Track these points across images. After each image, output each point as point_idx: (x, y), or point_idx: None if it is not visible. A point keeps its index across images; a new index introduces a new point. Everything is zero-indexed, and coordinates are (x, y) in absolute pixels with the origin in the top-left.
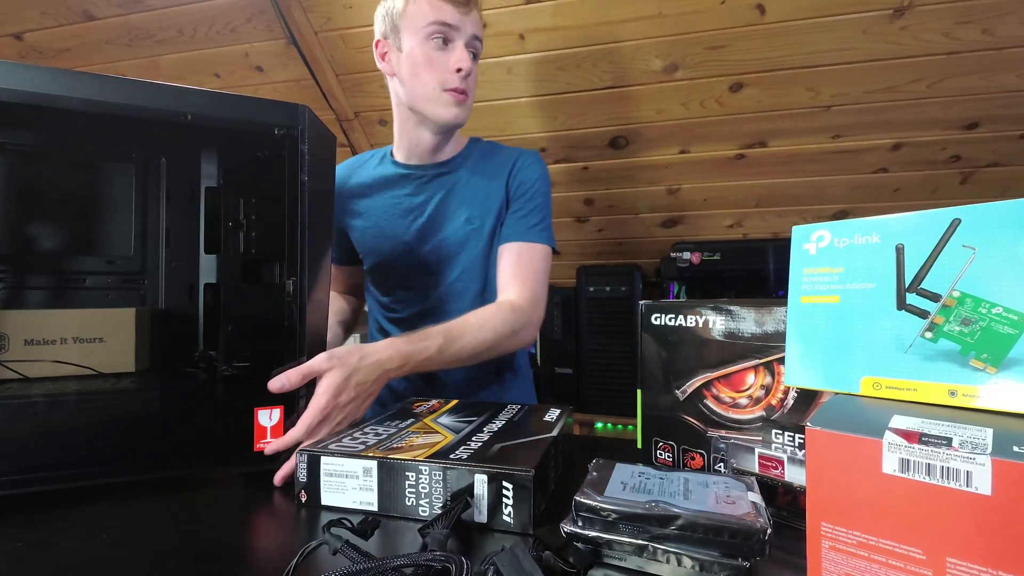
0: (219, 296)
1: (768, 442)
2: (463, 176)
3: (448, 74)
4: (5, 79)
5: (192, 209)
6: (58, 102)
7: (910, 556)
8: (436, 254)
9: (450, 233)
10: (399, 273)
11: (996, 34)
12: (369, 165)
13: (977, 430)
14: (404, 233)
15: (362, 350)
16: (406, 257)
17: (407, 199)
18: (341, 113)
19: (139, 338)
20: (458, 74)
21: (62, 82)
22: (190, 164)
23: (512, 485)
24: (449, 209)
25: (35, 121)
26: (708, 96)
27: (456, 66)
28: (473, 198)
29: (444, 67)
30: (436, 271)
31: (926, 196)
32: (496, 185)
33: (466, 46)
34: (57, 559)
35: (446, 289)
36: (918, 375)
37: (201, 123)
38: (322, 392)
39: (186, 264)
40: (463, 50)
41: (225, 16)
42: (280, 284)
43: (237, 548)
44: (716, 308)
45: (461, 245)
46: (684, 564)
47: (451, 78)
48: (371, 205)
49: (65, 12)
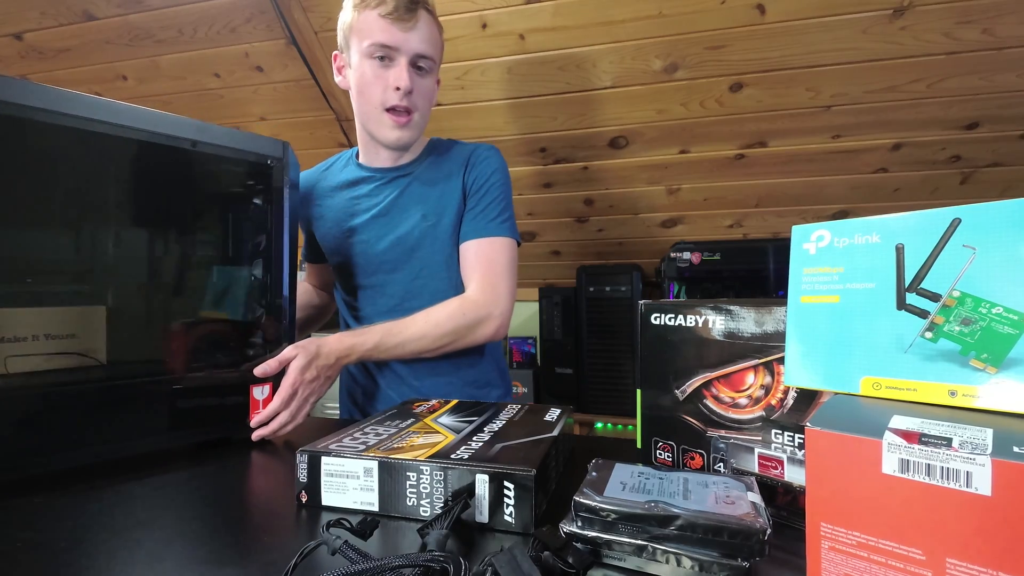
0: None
1: (768, 442)
2: (419, 175)
3: (388, 92)
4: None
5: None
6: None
7: (910, 556)
8: (393, 252)
9: (406, 232)
10: (360, 272)
11: (996, 34)
12: (336, 167)
13: (977, 430)
14: (362, 232)
15: (319, 341)
16: (365, 256)
17: (365, 199)
18: (341, 113)
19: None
20: (396, 92)
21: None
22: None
23: (513, 485)
24: (405, 208)
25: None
26: (708, 96)
27: (395, 84)
28: (428, 196)
29: (384, 85)
30: (395, 269)
31: (926, 196)
32: (452, 183)
33: (410, 64)
34: (56, 559)
35: (407, 287)
36: (918, 375)
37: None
38: (291, 372)
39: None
40: (403, 68)
41: (225, 16)
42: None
43: (237, 548)
44: (716, 308)
45: (418, 243)
46: (684, 564)
47: (390, 96)
48: (332, 205)
49: (65, 12)
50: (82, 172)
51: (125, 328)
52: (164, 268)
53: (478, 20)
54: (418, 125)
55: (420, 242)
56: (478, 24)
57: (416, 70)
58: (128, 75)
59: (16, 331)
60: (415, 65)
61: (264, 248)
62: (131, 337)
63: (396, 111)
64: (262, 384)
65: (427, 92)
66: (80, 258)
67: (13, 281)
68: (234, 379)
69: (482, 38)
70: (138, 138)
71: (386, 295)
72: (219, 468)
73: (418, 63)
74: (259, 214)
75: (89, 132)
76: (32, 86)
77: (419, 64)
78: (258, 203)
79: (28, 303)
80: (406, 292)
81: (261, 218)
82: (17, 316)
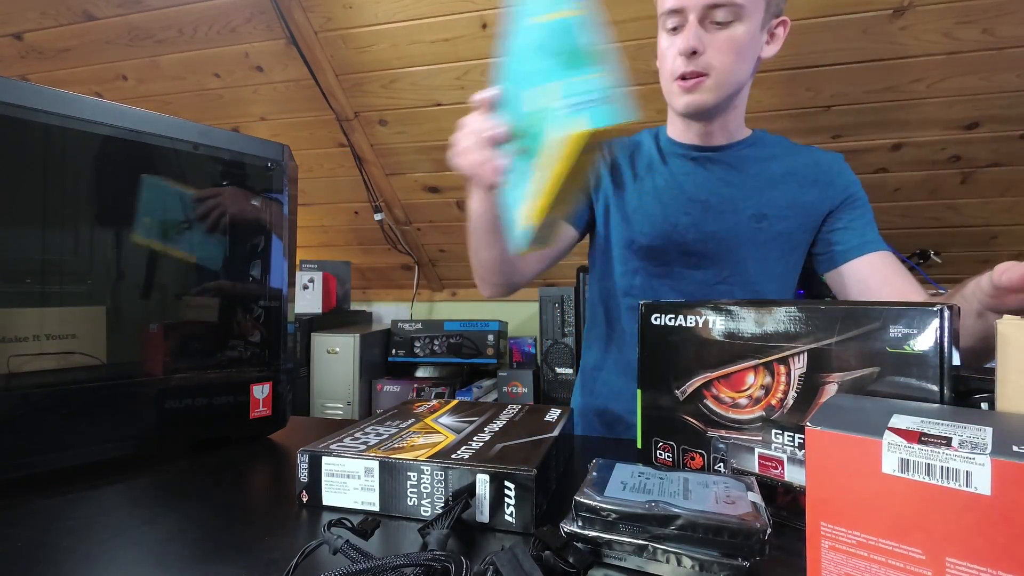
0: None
1: (768, 442)
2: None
3: (672, 62)
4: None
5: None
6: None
7: (910, 556)
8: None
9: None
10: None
11: (996, 34)
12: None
13: (976, 430)
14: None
15: None
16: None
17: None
18: (341, 113)
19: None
20: (681, 59)
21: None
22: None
23: (514, 485)
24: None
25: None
26: None
27: (678, 51)
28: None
29: (671, 54)
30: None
31: (926, 196)
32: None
33: (699, 21)
34: (56, 559)
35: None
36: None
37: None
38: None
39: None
40: (692, 27)
41: (225, 16)
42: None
43: (237, 547)
44: (716, 308)
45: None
46: (684, 564)
47: (677, 64)
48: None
49: (65, 12)
50: (83, 173)
51: (125, 328)
52: (164, 269)
53: (478, 20)
54: (710, 90)
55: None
56: (478, 24)
57: (714, 25)
58: (128, 75)
59: (17, 331)
60: (706, 20)
61: (263, 250)
62: (131, 337)
63: (680, 79)
64: (262, 384)
65: (727, 47)
66: (80, 259)
67: (13, 281)
68: (234, 378)
69: (482, 38)
70: (139, 140)
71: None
72: (220, 468)
73: (708, 16)
74: (258, 216)
75: (91, 134)
76: (34, 88)
77: (709, 18)
78: (257, 205)
79: (28, 303)
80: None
81: (260, 220)
82: (18, 316)
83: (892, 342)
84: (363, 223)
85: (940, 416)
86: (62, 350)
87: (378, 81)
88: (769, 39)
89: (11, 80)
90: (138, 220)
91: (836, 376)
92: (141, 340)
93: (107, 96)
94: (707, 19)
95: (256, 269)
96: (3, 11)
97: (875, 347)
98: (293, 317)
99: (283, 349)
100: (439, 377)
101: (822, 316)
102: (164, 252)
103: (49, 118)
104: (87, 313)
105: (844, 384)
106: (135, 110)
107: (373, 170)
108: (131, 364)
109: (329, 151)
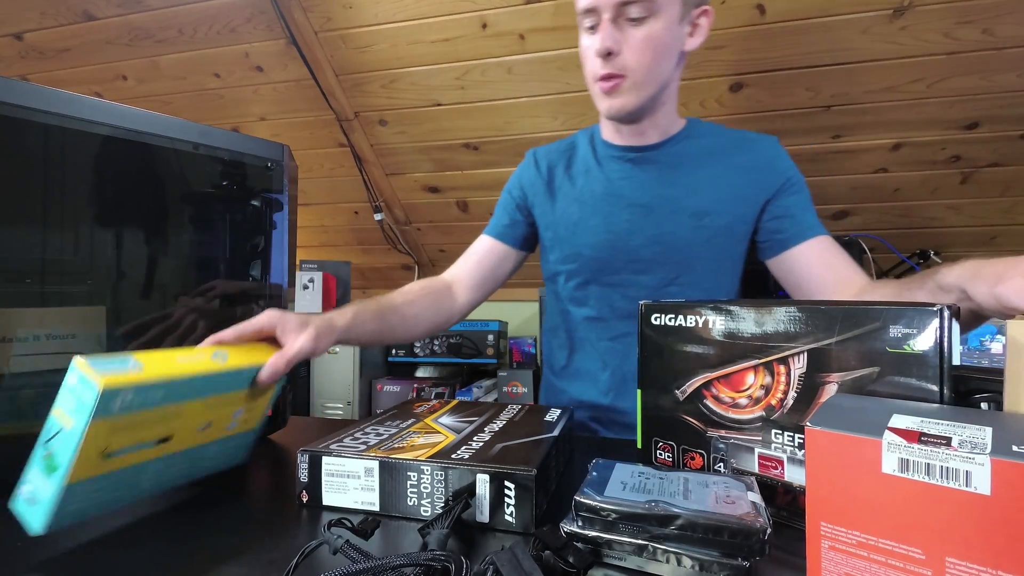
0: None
1: (768, 442)
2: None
3: (591, 63)
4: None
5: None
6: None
7: (909, 556)
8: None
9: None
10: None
11: (996, 34)
12: None
13: (976, 430)
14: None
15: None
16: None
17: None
18: (341, 113)
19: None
20: (599, 60)
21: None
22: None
23: (514, 485)
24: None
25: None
26: (708, 96)
27: (595, 51)
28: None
29: (590, 55)
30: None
31: (926, 196)
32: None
33: (614, 19)
34: (56, 559)
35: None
36: None
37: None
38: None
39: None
40: (605, 26)
41: (225, 16)
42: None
43: (237, 547)
44: (716, 308)
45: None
46: (684, 564)
47: (595, 65)
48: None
49: (65, 12)
50: (84, 174)
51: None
52: (164, 269)
53: (478, 20)
54: (629, 92)
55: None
56: (478, 24)
57: (629, 23)
58: (128, 75)
59: (17, 331)
60: (621, 18)
61: (263, 249)
62: (130, 337)
63: (602, 80)
64: None
65: (642, 45)
66: (80, 259)
67: (13, 281)
68: None
69: (482, 38)
70: (139, 140)
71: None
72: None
73: (622, 14)
74: (258, 217)
75: (91, 134)
76: (34, 88)
77: (623, 15)
78: (257, 205)
79: (28, 303)
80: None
81: (260, 221)
82: (18, 316)
83: (892, 342)
84: (363, 223)
85: (940, 416)
86: (62, 350)
87: (378, 81)
88: (692, 30)
89: (11, 80)
90: (138, 220)
91: (836, 376)
92: (142, 341)
93: (107, 96)
94: (621, 16)
95: (256, 269)
96: (3, 11)
97: (875, 347)
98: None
99: None
100: (439, 377)
101: (822, 316)
102: (164, 253)
103: (49, 118)
104: (87, 313)
105: (844, 384)
106: (135, 110)
107: (373, 170)
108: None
109: (329, 151)
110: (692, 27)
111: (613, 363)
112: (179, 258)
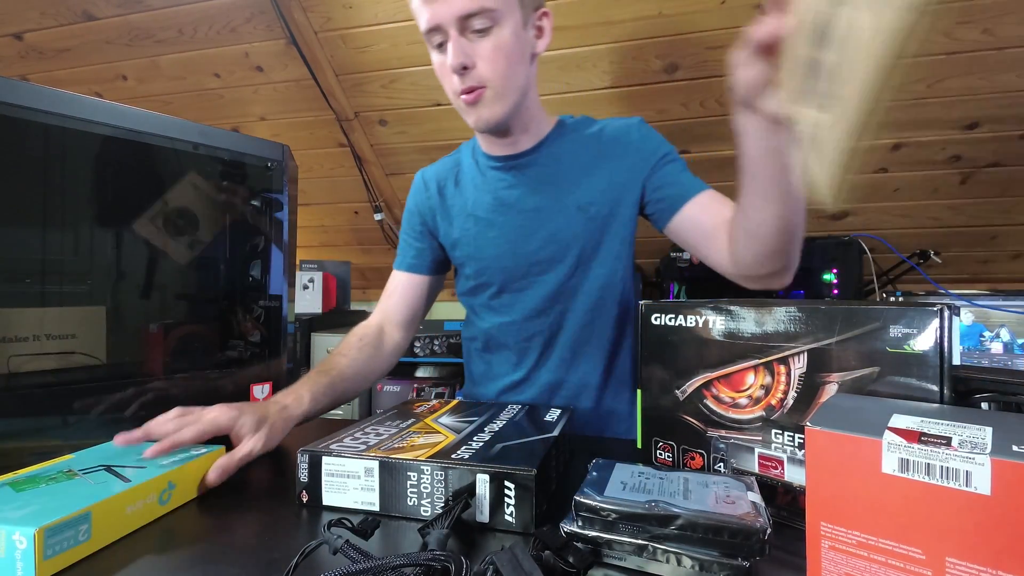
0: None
1: (768, 442)
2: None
3: (449, 79)
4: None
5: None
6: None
7: (910, 556)
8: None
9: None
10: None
11: (996, 34)
12: None
13: (976, 430)
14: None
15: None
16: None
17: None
18: (341, 113)
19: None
20: (455, 76)
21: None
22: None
23: (514, 485)
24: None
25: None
26: (708, 96)
27: (450, 68)
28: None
29: (445, 73)
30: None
31: (926, 196)
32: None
33: (460, 33)
34: None
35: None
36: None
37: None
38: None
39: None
40: (454, 42)
41: (225, 16)
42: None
43: (237, 547)
44: (716, 308)
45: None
46: (684, 564)
47: (454, 82)
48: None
49: (65, 12)
50: (84, 174)
51: (125, 328)
52: (164, 269)
53: None
54: (493, 99)
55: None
56: None
57: (475, 35)
58: (128, 75)
59: (17, 331)
60: (467, 32)
61: (263, 249)
62: (131, 337)
63: (463, 94)
64: (262, 384)
65: (494, 55)
66: (80, 259)
67: (13, 281)
68: (234, 379)
69: None
70: (139, 140)
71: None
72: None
73: (469, 27)
74: (258, 217)
75: (91, 134)
76: (34, 88)
77: (469, 28)
78: (257, 205)
79: (28, 303)
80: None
81: (260, 221)
82: (18, 316)
83: (892, 342)
84: (363, 223)
85: (940, 416)
86: (62, 350)
87: (378, 81)
88: (538, 33)
89: (11, 80)
90: (139, 220)
91: (836, 376)
92: (141, 340)
93: (107, 96)
94: (467, 30)
95: (256, 269)
96: (3, 11)
97: (875, 347)
98: (293, 317)
99: (283, 349)
100: (439, 377)
101: (822, 316)
102: (164, 253)
103: (49, 118)
104: (87, 313)
105: (844, 384)
106: (135, 110)
107: (373, 170)
108: (131, 364)
109: (329, 151)
110: (537, 30)
111: (527, 363)
112: (178, 257)
